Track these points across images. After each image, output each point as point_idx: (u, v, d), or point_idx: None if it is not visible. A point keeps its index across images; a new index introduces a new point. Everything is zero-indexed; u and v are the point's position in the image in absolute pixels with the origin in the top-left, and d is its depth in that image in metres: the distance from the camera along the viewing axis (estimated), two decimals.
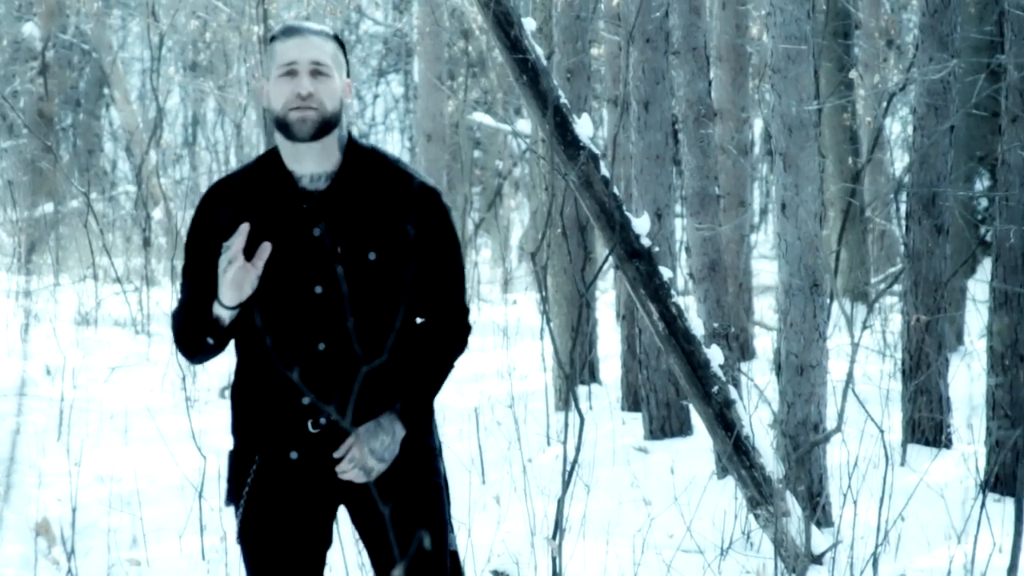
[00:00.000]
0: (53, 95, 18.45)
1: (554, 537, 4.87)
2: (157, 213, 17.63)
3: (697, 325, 5.64)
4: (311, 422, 3.41)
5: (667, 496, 6.84)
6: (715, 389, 5.59)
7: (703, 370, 5.59)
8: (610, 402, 9.83)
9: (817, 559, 5.58)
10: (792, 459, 5.95)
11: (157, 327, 12.61)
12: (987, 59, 10.30)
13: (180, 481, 7.20)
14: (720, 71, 11.24)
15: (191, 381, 10.14)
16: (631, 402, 9.61)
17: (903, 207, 9.00)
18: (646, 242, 5.52)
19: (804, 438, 6.15)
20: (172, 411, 9.24)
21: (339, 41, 3.47)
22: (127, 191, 22.31)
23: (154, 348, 11.77)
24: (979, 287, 11.85)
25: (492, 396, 9.80)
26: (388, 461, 3.38)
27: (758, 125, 18.06)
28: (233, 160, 21.71)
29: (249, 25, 15.82)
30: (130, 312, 12.92)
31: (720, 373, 5.62)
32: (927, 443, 7.91)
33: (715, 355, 5.63)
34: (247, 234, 3.33)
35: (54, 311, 12.64)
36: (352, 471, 3.37)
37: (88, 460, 7.53)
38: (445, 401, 9.45)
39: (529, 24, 5.47)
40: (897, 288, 12.47)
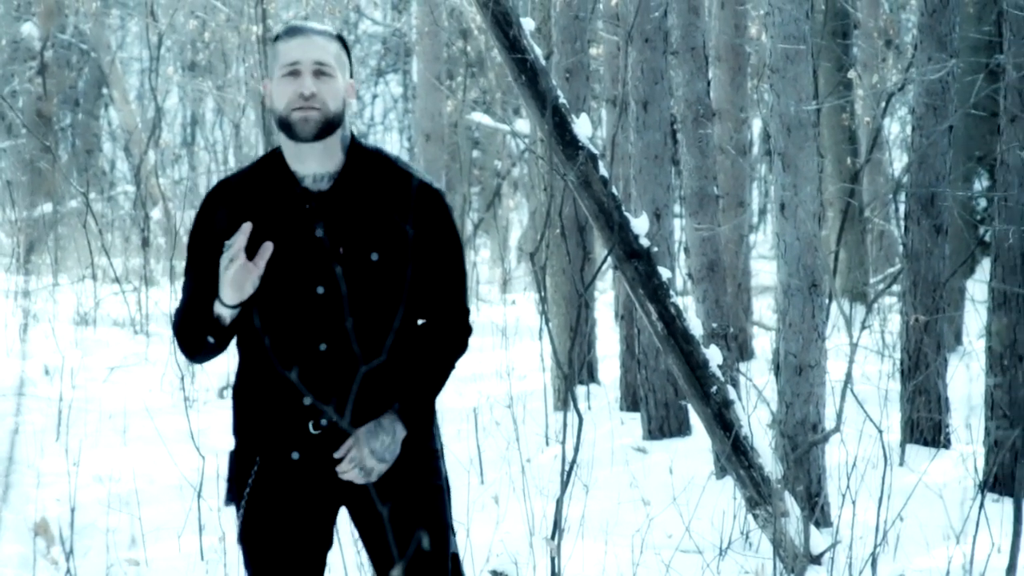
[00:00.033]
0: (52, 95, 18.44)
1: (553, 537, 4.87)
2: (156, 213, 17.63)
3: (696, 325, 5.64)
4: (312, 423, 3.41)
5: (666, 496, 6.84)
6: (714, 389, 5.59)
7: (702, 370, 5.59)
8: (609, 402, 9.83)
9: (816, 559, 5.58)
10: (791, 459, 5.95)
11: (156, 327, 12.61)
12: (986, 59, 10.29)
13: (179, 481, 7.20)
14: (719, 71, 11.24)
15: (190, 381, 10.14)
16: (630, 402, 9.60)
17: (902, 207, 9.00)
18: (645, 242, 5.52)
19: (803, 438, 6.15)
20: (171, 411, 9.23)
21: (342, 41, 3.46)
22: (126, 191, 22.29)
23: (153, 348, 11.77)
24: (978, 287, 11.85)
25: (491, 396, 9.80)
26: (389, 462, 3.38)
27: (757, 125, 18.07)
28: (232, 160, 21.70)
29: (248, 25, 15.81)
30: (129, 312, 12.91)
31: (719, 373, 5.62)
32: (926, 443, 7.91)
33: (714, 355, 5.63)
34: (249, 233, 3.33)
35: (53, 311, 12.63)
36: (352, 471, 3.37)
37: (87, 460, 7.53)
38: (444, 401, 9.44)
39: (528, 24, 5.47)
40: (896, 288, 12.47)
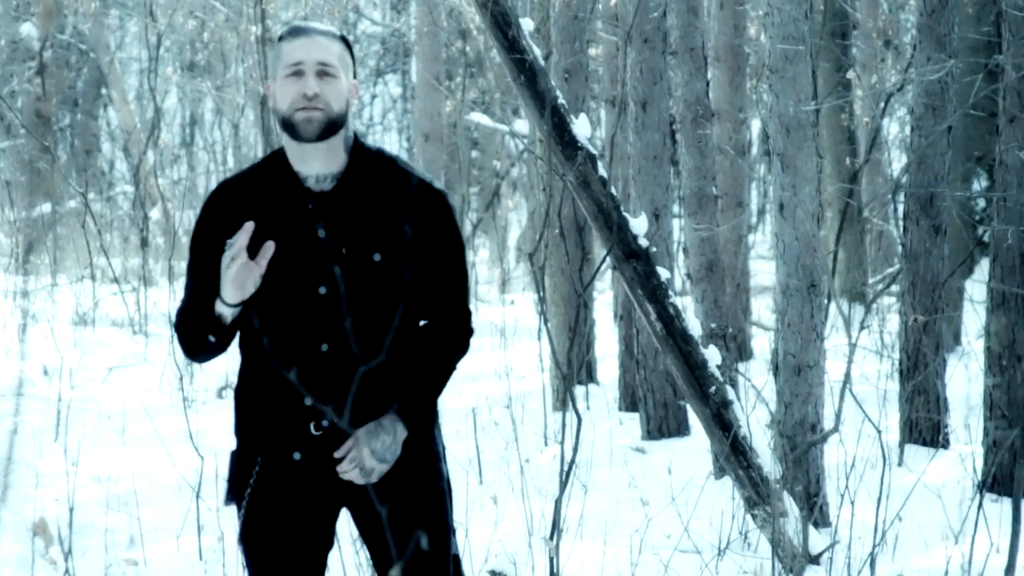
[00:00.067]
0: (51, 95, 18.44)
1: (551, 537, 4.87)
2: (155, 213, 17.63)
3: (695, 325, 5.64)
4: (313, 424, 3.41)
5: (664, 496, 6.84)
6: (712, 389, 5.59)
7: (701, 370, 5.59)
8: (607, 402, 9.83)
9: (814, 559, 5.58)
10: (789, 459, 5.95)
11: (155, 327, 12.60)
12: (985, 59, 10.29)
13: (177, 481, 7.20)
14: (718, 71, 11.24)
15: (188, 381, 10.14)
16: (628, 402, 9.60)
17: (901, 207, 9.01)
18: (644, 242, 5.52)
19: (801, 438, 6.15)
20: (169, 411, 9.23)
21: (345, 42, 3.47)
22: (125, 191, 22.29)
23: (152, 348, 11.77)
24: (977, 287, 11.85)
25: (490, 396, 9.80)
26: (389, 462, 3.38)
27: (756, 125, 18.07)
28: (231, 160, 21.69)
29: (247, 25, 15.82)
30: (128, 312, 12.91)
31: (717, 373, 5.62)
32: (924, 443, 7.91)
33: (712, 355, 5.63)
34: (251, 232, 3.33)
35: (52, 311, 12.63)
36: (352, 471, 3.36)
37: (85, 460, 7.53)
38: (443, 401, 9.43)
39: (527, 24, 5.47)
40: (895, 288, 12.47)
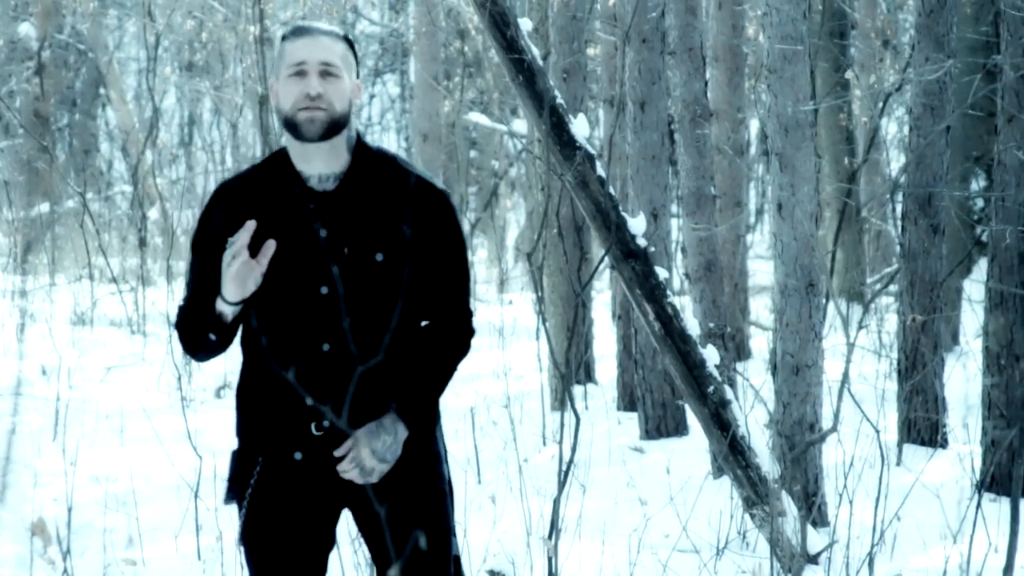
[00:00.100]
0: (49, 95, 18.44)
1: (550, 537, 4.87)
2: (153, 213, 17.63)
3: (693, 325, 5.64)
4: (315, 424, 3.41)
5: (663, 496, 6.84)
6: (711, 389, 5.59)
7: (699, 370, 5.59)
8: (606, 402, 9.83)
9: (813, 559, 5.58)
10: (788, 459, 5.95)
11: (153, 327, 12.60)
12: (983, 59, 10.29)
13: (176, 481, 7.20)
14: (716, 71, 11.24)
15: (187, 381, 10.13)
16: (627, 402, 9.60)
17: (899, 207, 9.01)
18: (642, 242, 5.52)
19: (800, 438, 6.15)
20: (168, 411, 9.23)
21: (349, 42, 3.47)
22: (123, 191, 22.28)
23: (150, 348, 11.76)
24: (975, 287, 11.86)
25: (488, 396, 9.80)
26: (390, 462, 3.38)
27: (754, 125, 18.08)
28: (229, 160, 21.67)
29: (245, 25, 15.81)
30: (126, 312, 12.91)
31: (716, 373, 5.62)
32: (923, 443, 7.91)
33: (711, 355, 5.63)
34: (253, 230, 3.33)
35: (50, 311, 12.63)
36: (353, 471, 3.36)
37: (84, 460, 7.53)
38: (442, 402, 9.43)
39: (525, 24, 5.47)
40: (893, 288, 12.48)
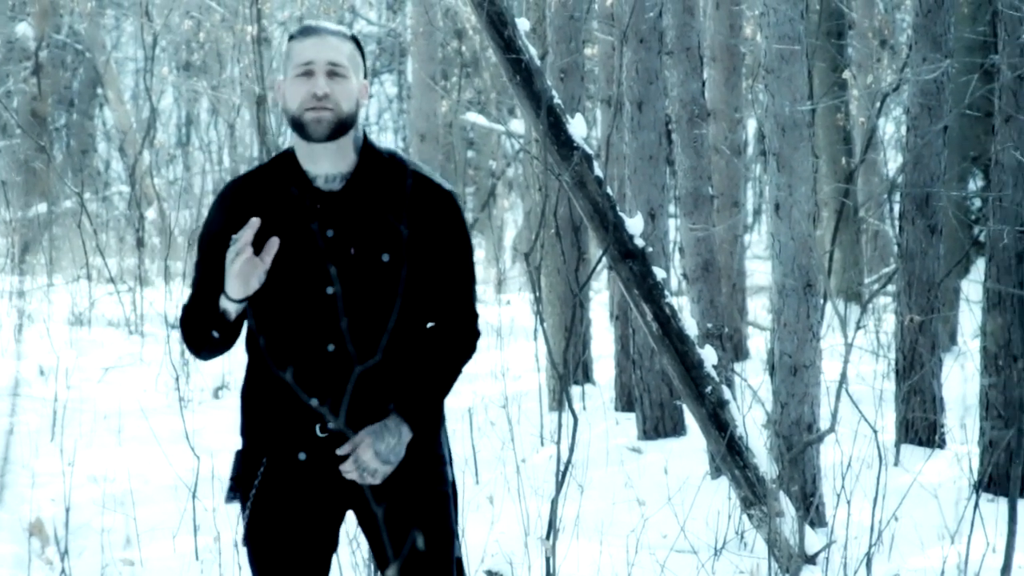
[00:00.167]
0: (46, 95, 18.43)
1: (548, 537, 4.87)
2: (151, 213, 17.63)
3: (691, 325, 5.64)
4: (319, 425, 3.41)
5: (661, 496, 6.84)
6: (709, 389, 5.59)
7: (697, 370, 5.60)
8: (604, 402, 9.83)
9: (811, 559, 5.58)
10: (786, 459, 5.95)
11: (151, 327, 12.59)
12: (980, 59, 10.29)
13: (174, 481, 7.19)
14: (714, 71, 11.24)
15: (184, 382, 10.13)
16: (625, 402, 9.60)
17: (897, 207, 9.00)
18: (640, 242, 5.52)
19: (798, 438, 6.15)
20: (165, 411, 9.22)
21: (356, 42, 3.46)
22: (121, 191, 22.28)
23: (147, 348, 11.76)
24: (972, 287, 11.85)
25: (486, 396, 9.79)
26: (393, 464, 3.37)
27: (752, 125, 18.07)
28: (226, 160, 21.67)
29: (243, 25, 15.80)
30: (123, 312, 12.90)
31: (714, 373, 5.62)
32: (920, 443, 7.91)
33: (709, 355, 5.63)
34: (257, 228, 3.32)
35: (47, 311, 12.63)
36: (355, 472, 3.36)
37: (81, 460, 7.52)
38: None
39: (523, 24, 5.47)
40: (891, 288, 12.48)
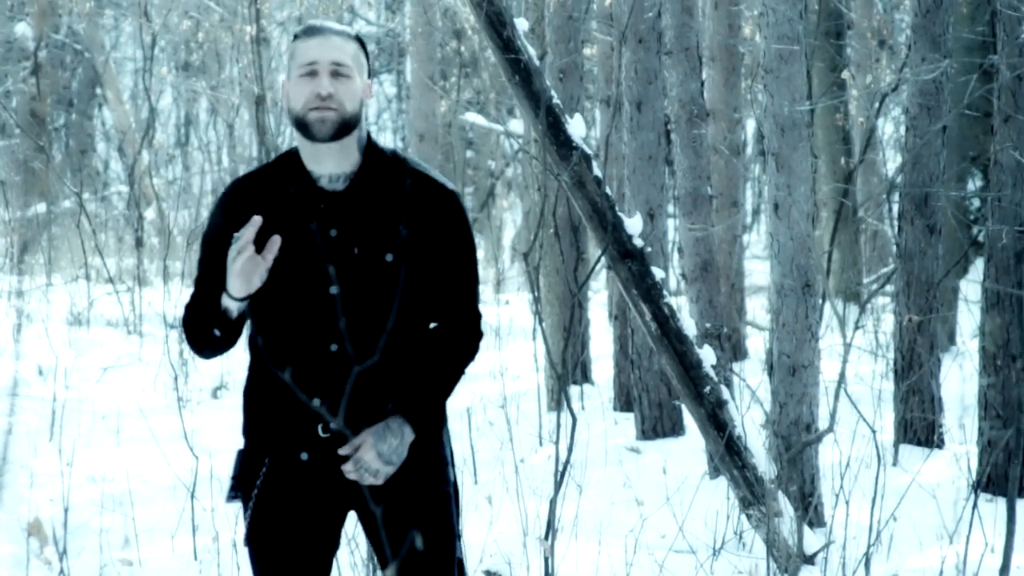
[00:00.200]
0: (45, 95, 18.44)
1: (546, 537, 4.87)
2: (150, 213, 17.63)
3: (689, 325, 5.64)
4: (321, 426, 3.41)
5: (659, 496, 6.84)
6: (707, 389, 5.59)
7: (695, 370, 5.60)
8: (602, 402, 9.83)
9: (809, 559, 5.58)
10: (784, 459, 5.95)
11: (149, 327, 12.60)
12: (979, 59, 10.30)
13: (172, 481, 7.19)
14: (713, 71, 11.24)
15: (183, 382, 10.13)
16: (623, 402, 9.60)
17: (895, 207, 9.00)
18: (638, 242, 5.52)
19: (796, 438, 6.15)
20: (164, 411, 9.23)
21: (360, 42, 3.46)
22: (120, 191, 22.29)
23: (146, 348, 11.76)
24: (971, 287, 11.86)
25: (484, 396, 9.80)
26: (396, 464, 3.37)
27: (751, 125, 18.06)
28: (225, 160, 21.68)
29: (242, 25, 15.80)
30: (122, 312, 12.90)
31: (712, 373, 5.62)
32: (919, 443, 7.91)
33: (707, 355, 5.64)
34: (258, 226, 3.32)
35: (46, 311, 12.63)
36: (357, 472, 3.36)
37: (80, 460, 7.52)
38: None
39: (522, 24, 5.47)
40: (889, 288, 12.49)
